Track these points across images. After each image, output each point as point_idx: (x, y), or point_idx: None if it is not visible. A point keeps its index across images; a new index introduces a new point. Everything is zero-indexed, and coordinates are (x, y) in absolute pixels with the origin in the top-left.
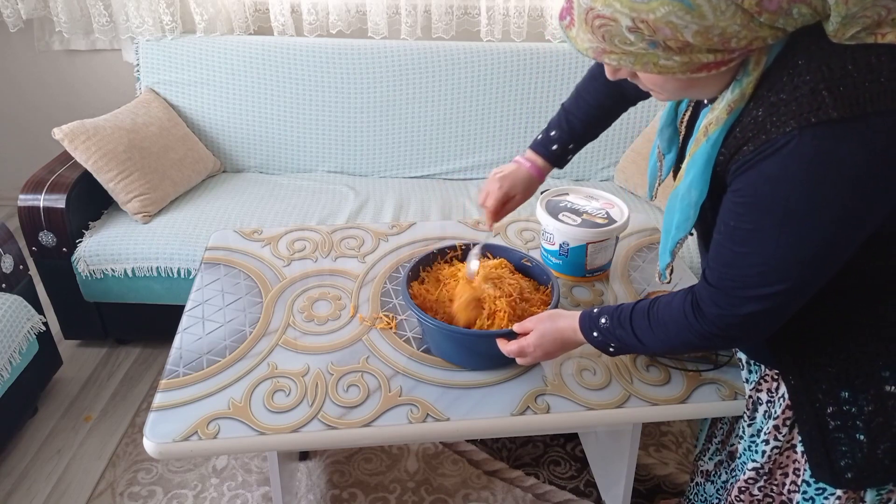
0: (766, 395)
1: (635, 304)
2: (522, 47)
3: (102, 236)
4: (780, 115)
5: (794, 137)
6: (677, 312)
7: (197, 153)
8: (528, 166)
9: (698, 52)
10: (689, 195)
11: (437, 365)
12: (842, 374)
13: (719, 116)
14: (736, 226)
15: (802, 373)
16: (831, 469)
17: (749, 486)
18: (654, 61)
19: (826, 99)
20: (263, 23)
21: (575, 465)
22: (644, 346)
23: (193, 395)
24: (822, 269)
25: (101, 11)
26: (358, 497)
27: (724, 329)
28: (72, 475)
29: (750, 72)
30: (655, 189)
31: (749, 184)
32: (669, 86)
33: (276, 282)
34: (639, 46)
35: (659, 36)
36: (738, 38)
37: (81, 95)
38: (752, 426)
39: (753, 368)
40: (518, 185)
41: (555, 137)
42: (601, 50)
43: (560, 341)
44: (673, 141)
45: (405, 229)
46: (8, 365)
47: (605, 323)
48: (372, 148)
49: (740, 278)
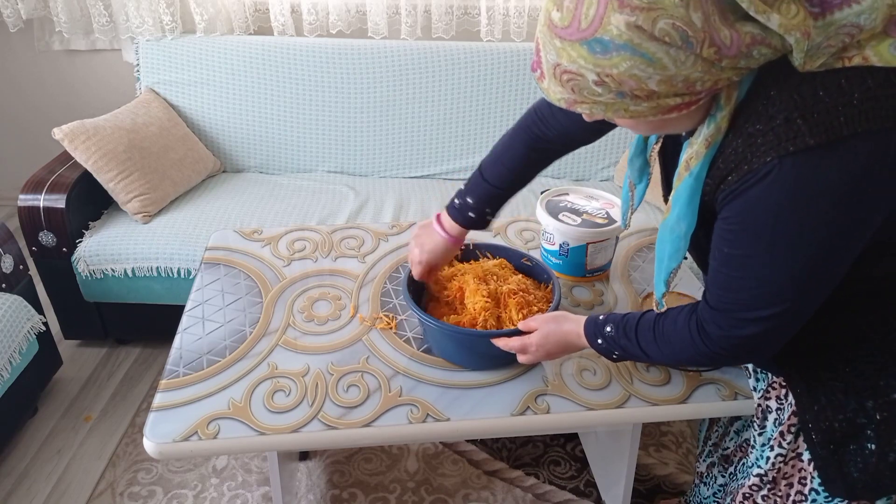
0: (775, 402)
1: (641, 317)
2: (522, 47)
3: (102, 236)
4: (758, 145)
5: (775, 167)
6: (682, 331)
7: (197, 153)
8: (445, 238)
9: (665, 98)
10: (678, 227)
11: (437, 365)
12: (849, 384)
13: (698, 151)
14: (729, 252)
15: (809, 382)
16: (843, 480)
17: (753, 493)
18: (625, 108)
19: (801, 127)
20: (263, 23)
21: (575, 465)
22: (648, 357)
23: (193, 396)
24: (818, 288)
25: (101, 11)
26: (358, 497)
27: (728, 349)
28: (72, 475)
29: (722, 106)
30: (628, 218)
31: (736, 212)
32: (643, 126)
33: (276, 282)
34: (607, 97)
35: (625, 87)
36: (701, 81)
37: (81, 95)
38: (762, 435)
39: (760, 377)
40: (439, 257)
41: (471, 204)
42: (572, 101)
43: (563, 344)
44: (643, 171)
45: (405, 229)
46: (8, 365)
47: (610, 331)
48: (372, 148)
49: (738, 301)
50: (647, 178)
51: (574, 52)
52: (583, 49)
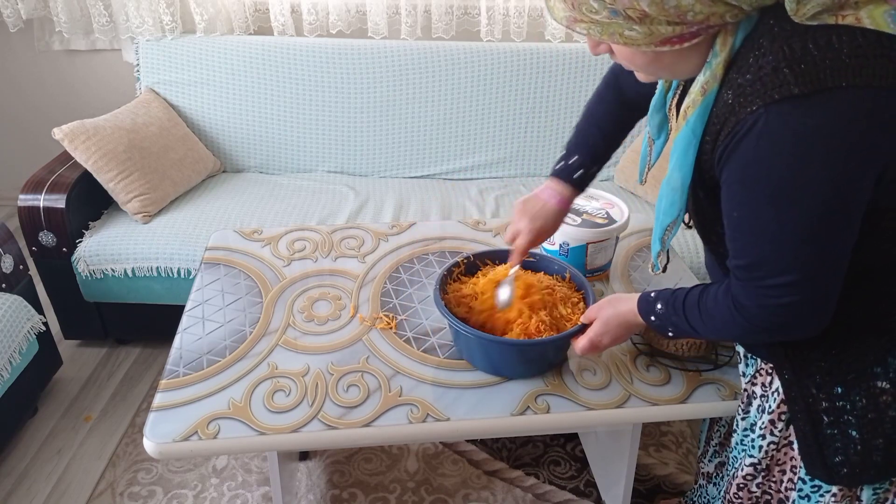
0: (759, 388)
1: (687, 294)
2: (522, 47)
3: (102, 236)
4: (746, 95)
5: (761, 116)
6: (724, 307)
7: (197, 153)
8: (557, 201)
9: (658, 24)
10: (672, 178)
11: (437, 365)
12: (835, 369)
13: (695, 99)
14: (738, 216)
15: (796, 367)
16: (824, 465)
17: (747, 482)
18: (620, 31)
19: (788, 76)
20: (263, 23)
21: (575, 465)
22: (699, 333)
23: (193, 396)
24: (831, 251)
25: (101, 11)
26: (358, 497)
27: (766, 321)
28: (72, 475)
29: (718, 52)
30: (645, 173)
31: (733, 170)
32: (638, 60)
33: (276, 282)
34: (603, 15)
35: (619, 5)
36: (693, 11)
37: (81, 95)
38: (745, 420)
39: (750, 362)
40: (549, 223)
41: (577, 162)
42: (572, 18)
43: (624, 325)
44: (662, 126)
45: (405, 229)
46: (8, 365)
47: (661, 309)
48: (372, 148)
49: (757, 267)
50: (666, 134)
51: None
52: None
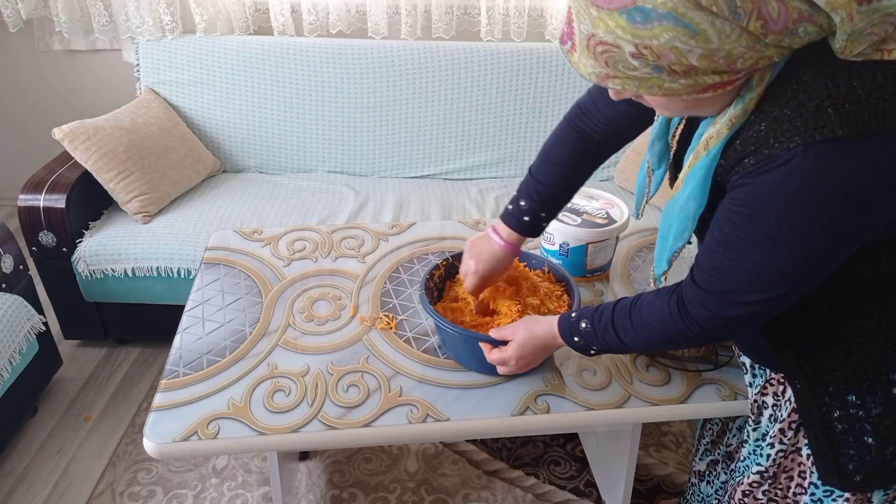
0: (771, 398)
1: (615, 305)
2: (522, 47)
3: (102, 236)
4: (783, 130)
5: (798, 154)
6: (661, 312)
7: (197, 153)
8: (503, 245)
9: (703, 75)
10: (687, 206)
11: (436, 365)
12: (848, 377)
13: (720, 131)
14: (731, 233)
15: (808, 377)
16: (839, 472)
17: (753, 489)
18: (659, 84)
19: (832, 116)
20: (263, 23)
21: (575, 465)
22: (627, 346)
23: (193, 396)
24: (814, 278)
25: (101, 11)
26: (358, 497)
27: (709, 330)
28: (72, 475)
29: (753, 87)
30: (642, 207)
31: (749, 196)
32: (675, 106)
33: (276, 282)
34: (643, 71)
35: (663, 61)
36: (743, 59)
37: (81, 95)
38: (756, 430)
39: (758, 372)
40: (497, 266)
41: (524, 208)
42: (604, 75)
43: (540, 348)
44: (663, 156)
45: (405, 229)
46: (8, 365)
47: (585, 327)
48: (372, 148)
49: (730, 283)
50: (667, 164)
51: (612, 21)
52: (621, 18)
